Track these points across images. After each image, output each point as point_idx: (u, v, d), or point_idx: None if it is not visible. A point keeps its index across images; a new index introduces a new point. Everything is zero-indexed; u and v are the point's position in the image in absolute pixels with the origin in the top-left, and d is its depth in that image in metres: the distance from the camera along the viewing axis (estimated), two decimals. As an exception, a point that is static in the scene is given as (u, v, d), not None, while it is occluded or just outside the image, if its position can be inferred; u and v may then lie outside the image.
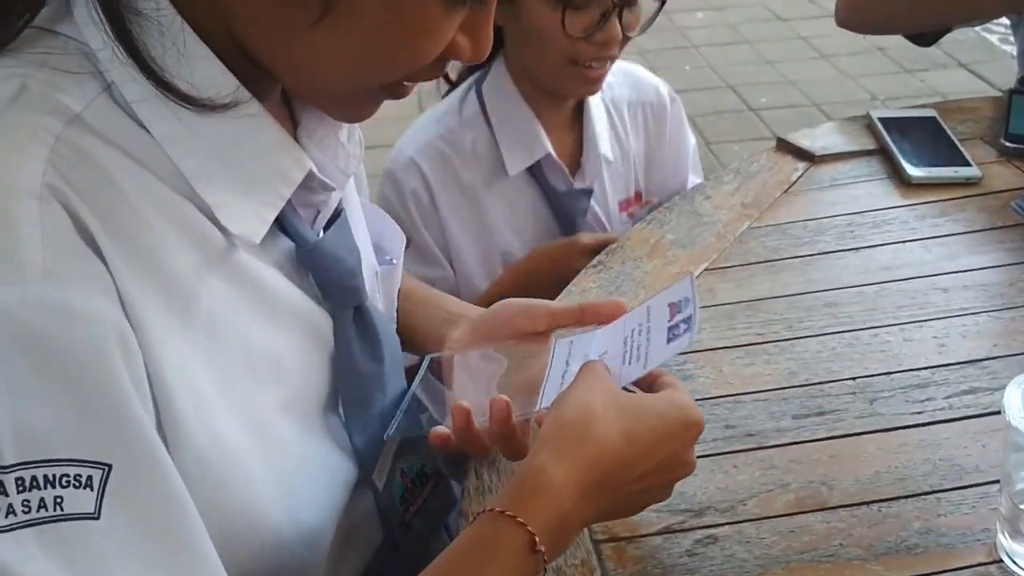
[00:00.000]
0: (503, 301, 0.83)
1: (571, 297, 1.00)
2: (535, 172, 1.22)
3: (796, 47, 3.96)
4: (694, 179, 1.41)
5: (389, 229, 0.83)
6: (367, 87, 0.60)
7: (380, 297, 0.77)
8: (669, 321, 0.68)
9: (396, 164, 1.22)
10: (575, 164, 1.25)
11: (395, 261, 0.80)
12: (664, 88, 1.37)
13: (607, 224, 1.28)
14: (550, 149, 1.20)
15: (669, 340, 0.67)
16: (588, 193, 1.25)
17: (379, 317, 0.72)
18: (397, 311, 0.82)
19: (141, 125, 0.55)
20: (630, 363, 0.68)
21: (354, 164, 0.69)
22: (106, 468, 0.49)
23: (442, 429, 0.72)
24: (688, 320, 0.67)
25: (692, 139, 1.42)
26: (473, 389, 0.76)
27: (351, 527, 0.69)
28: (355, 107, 0.62)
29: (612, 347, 0.71)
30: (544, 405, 0.70)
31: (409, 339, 0.84)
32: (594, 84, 1.19)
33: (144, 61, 0.53)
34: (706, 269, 1.04)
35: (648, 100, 1.34)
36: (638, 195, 1.35)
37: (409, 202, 1.21)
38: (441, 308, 0.87)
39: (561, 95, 1.24)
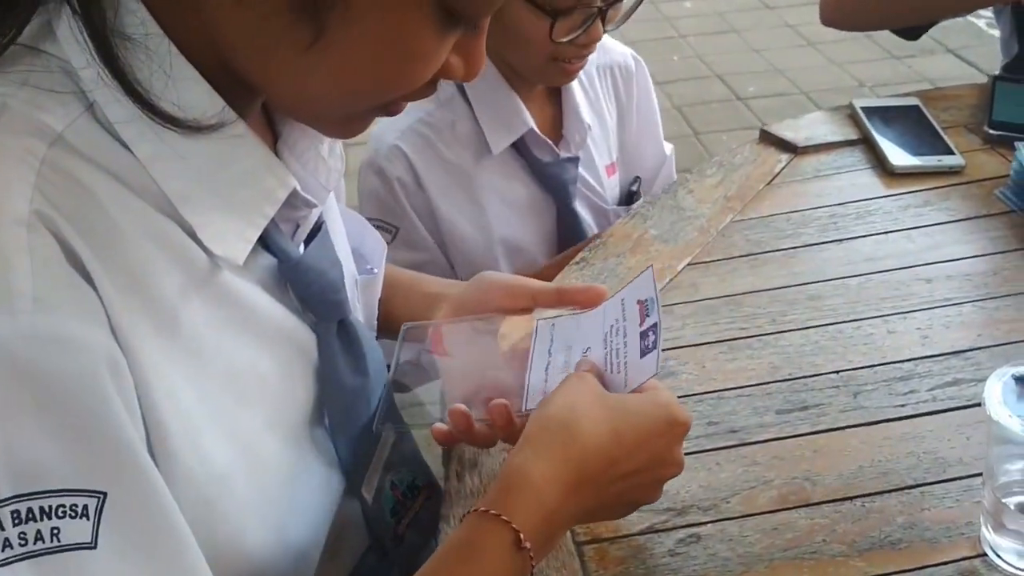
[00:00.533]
0: (484, 275, 0.82)
1: (547, 283, 0.99)
2: (519, 148, 1.21)
3: (784, 35, 3.95)
4: (668, 147, 1.42)
5: (369, 235, 0.82)
6: (359, 109, 0.60)
7: (360, 307, 0.77)
8: (640, 324, 0.68)
9: (379, 154, 1.21)
10: (557, 135, 1.25)
11: (375, 270, 0.79)
12: (629, 52, 1.37)
13: (599, 188, 1.28)
14: (532, 124, 1.20)
15: (643, 352, 0.67)
16: (575, 161, 1.24)
17: (362, 330, 0.71)
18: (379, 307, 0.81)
19: (124, 145, 0.54)
20: (612, 371, 0.68)
21: (335, 179, 0.69)
22: (101, 496, 0.49)
23: (442, 426, 0.72)
24: (654, 329, 0.66)
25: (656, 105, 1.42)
26: (458, 367, 0.76)
27: (337, 537, 0.69)
28: (346, 126, 0.62)
29: (594, 344, 0.71)
30: (531, 404, 0.70)
31: (389, 325, 0.83)
32: (573, 76, 1.19)
33: (129, 84, 0.52)
34: (689, 264, 1.04)
35: (616, 62, 1.34)
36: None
37: (396, 189, 1.20)
38: (420, 291, 0.87)
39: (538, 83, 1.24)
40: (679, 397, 0.82)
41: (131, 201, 0.54)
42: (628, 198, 1.34)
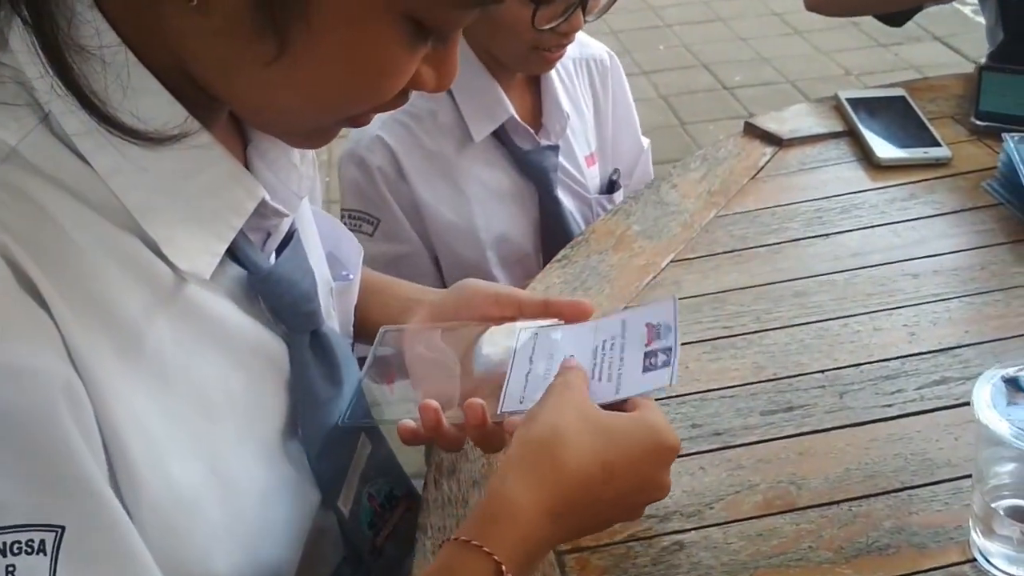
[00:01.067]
0: (467, 282, 0.80)
1: (535, 293, 0.97)
2: (500, 136, 1.20)
3: (770, 23, 3.93)
4: (644, 141, 1.41)
5: (345, 239, 0.80)
6: (326, 122, 0.58)
7: (336, 314, 0.75)
8: (646, 344, 0.66)
9: (360, 144, 1.19)
10: (537, 123, 1.23)
11: (351, 276, 0.77)
12: (604, 48, 1.36)
13: (579, 177, 1.27)
14: (513, 111, 1.18)
15: (645, 369, 0.65)
16: (555, 149, 1.23)
17: (336, 339, 0.69)
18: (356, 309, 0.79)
19: (81, 158, 0.52)
20: (600, 380, 0.66)
21: (307, 186, 0.66)
22: (59, 531, 0.48)
23: (409, 422, 0.70)
24: (668, 352, 0.64)
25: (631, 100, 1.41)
26: (434, 370, 0.74)
27: (312, 551, 0.67)
28: (311, 138, 0.59)
29: (579, 355, 0.69)
30: (507, 407, 0.68)
31: (365, 329, 0.81)
32: (552, 64, 1.18)
33: (85, 95, 0.50)
34: (672, 260, 1.02)
35: (591, 55, 1.33)
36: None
37: (378, 179, 1.18)
38: (397, 295, 0.85)
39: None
40: (660, 400, 0.80)
41: (89, 217, 0.52)
42: (609, 187, 1.33)
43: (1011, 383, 0.63)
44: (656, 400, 0.77)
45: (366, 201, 1.18)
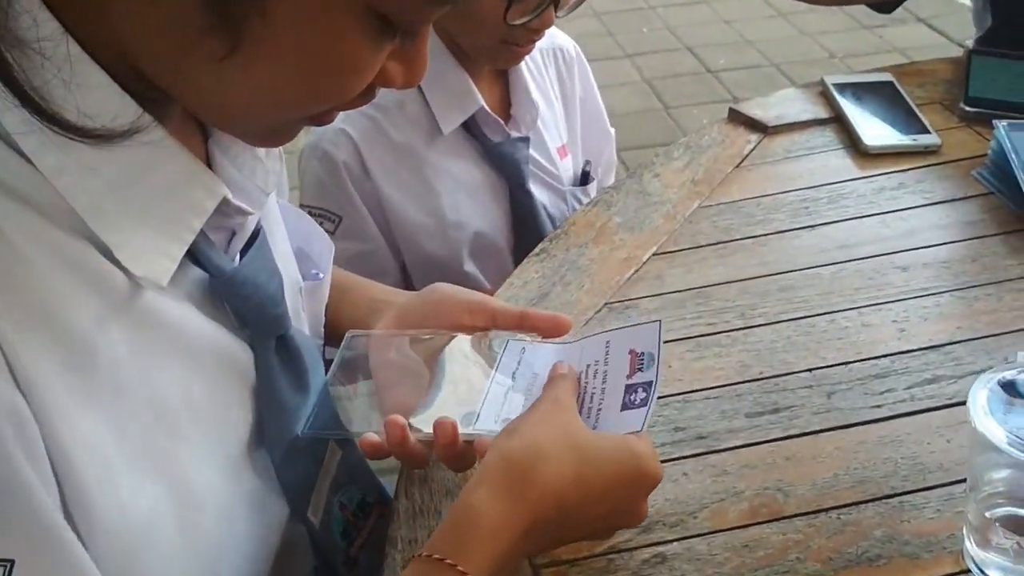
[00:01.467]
0: (438, 287, 0.77)
1: (512, 288, 0.94)
2: (470, 128, 1.17)
3: (753, 5, 3.89)
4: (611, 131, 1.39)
5: (315, 235, 0.76)
6: (285, 121, 0.54)
7: (305, 315, 0.71)
8: (628, 376, 0.63)
9: (323, 137, 1.14)
10: (507, 114, 1.20)
11: (321, 275, 0.73)
12: (570, 40, 1.34)
13: (552, 169, 1.24)
14: (482, 102, 1.15)
15: (624, 405, 0.62)
16: (526, 141, 1.20)
17: (304, 342, 0.66)
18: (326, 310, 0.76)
19: (25, 158, 0.48)
20: (580, 412, 0.63)
21: (274, 181, 0.63)
22: (8, 564, 0.45)
23: (372, 436, 0.67)
24: (648, 388, 0.61)
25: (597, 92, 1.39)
26: (401, 379, 0.70)
27: (282, 565, 0.64)
28: (272, 137, 0.55)
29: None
30: (481, 426, 0.64)
31: (337, 331, 0.78)
32: (521, 58, 1.15)
33: (23, 91, 0.46)
34: (655, 253, 0.98)
35: (558, 46, 1.30)
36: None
37: (342, 175, 1.14)
38: (367, 296, 0.81)
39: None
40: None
41: (35, 222, 0.48)
42: (583, 179, 1.30)
43: (1008, 387, 0.60)
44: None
45: (328, 198, 1.14)
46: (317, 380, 0.66)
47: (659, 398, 0.78)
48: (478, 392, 0.67)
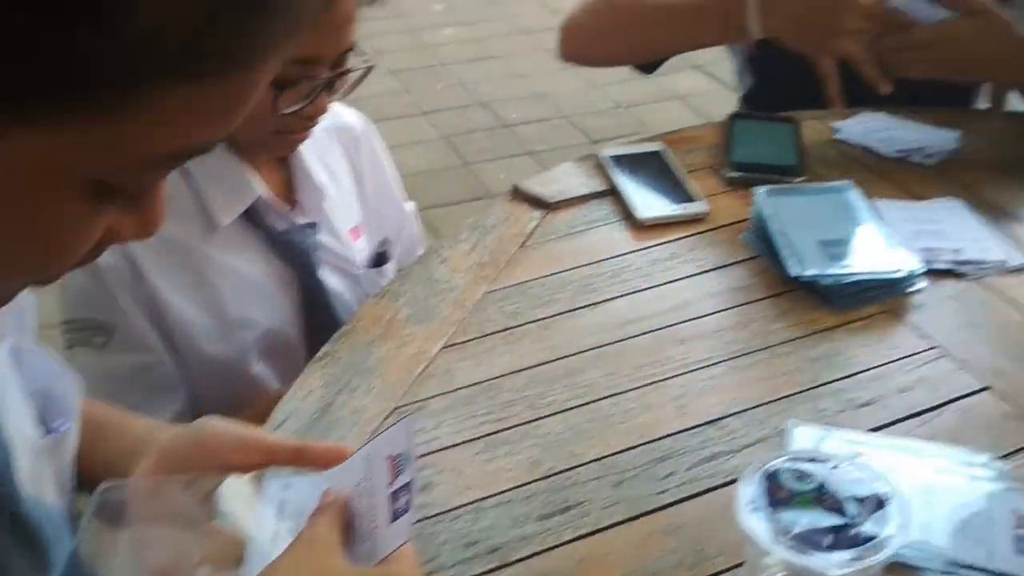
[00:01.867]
0: (206, 422, 0.71)
1: (294, 401, 0.90)
2: (252, 217, 1.12)
3: (543, 60, 4.01)
4: (409, 205, 1.38)
5: (60, 379, 0.69)
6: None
7: (49, 475, 0.65)
8: (390, 484, 0.61)
9: None
10: (292, 200, 1.16)
11: (65, 426, 0.67)
12: (358, 116, 1.32)
13: (344, 253, 1.20)
14: (261, 191, 1.10)
15: (394, 516, 0.60)
16: (313, 226, 1.16)
17: (42, 516, 0.60)
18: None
19: None
20: (358, 543, 0.60)
21: (13, 323, 0.57)
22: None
23: None
24: (408, 488, 0.59)
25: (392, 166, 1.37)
26: (166, 533, 0.65)
27: None
28: None
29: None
30: None
31: (94, 476, 0.71)
32: (297, 145, 1.11)
33: None
34: (444, 347, 0.98)
35: (341, 125, 1.27)
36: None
37: (109, 282, 1.06)
38: (127, 434, 0.75)
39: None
40: (434, 515, 0.76)
41: None
42: (378, 260, 1.27)
43: (772, 478, 0.63)
44: (429, 517, 0.73)
45: (96, 308, 1.06)
46: (62, 551, 0.60)
47: (450, 511, 0.77)
48: (248, 540, 0.63)
